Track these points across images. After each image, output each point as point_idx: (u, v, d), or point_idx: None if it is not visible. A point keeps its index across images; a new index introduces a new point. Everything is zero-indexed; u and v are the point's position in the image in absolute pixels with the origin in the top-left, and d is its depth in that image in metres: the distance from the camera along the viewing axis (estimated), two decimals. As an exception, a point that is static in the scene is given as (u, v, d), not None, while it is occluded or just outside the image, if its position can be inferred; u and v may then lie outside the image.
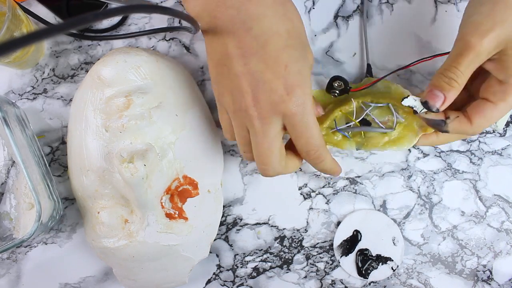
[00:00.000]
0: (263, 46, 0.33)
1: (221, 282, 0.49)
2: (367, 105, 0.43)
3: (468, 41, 0.33)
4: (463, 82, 0.35)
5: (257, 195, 0.49)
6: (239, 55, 0.34)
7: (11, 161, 0.46)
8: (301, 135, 0.36)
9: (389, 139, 0.42)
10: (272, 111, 0.34)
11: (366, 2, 0.48)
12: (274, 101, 0.34)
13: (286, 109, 0.34)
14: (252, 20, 0.33)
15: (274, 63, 0.34)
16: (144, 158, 0.40)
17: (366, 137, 0.43)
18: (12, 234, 0.45)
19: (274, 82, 0.34)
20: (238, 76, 0.34)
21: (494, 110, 0.35)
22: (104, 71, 0.40)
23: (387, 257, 0.48)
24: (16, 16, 0.41)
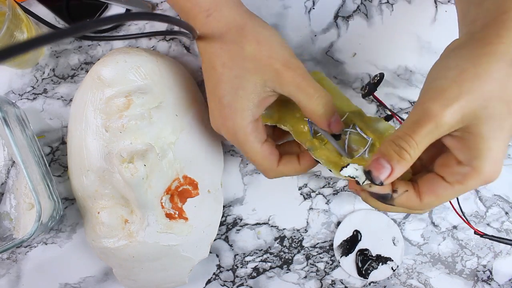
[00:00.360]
0: (205, 78, 0.38)
1: (221, 282, 0.49)
2: (354, 126, 0.40)
3: (428, 109, 0.29)
4: (416, 155, 0.30)
5: (257, 195, 0.49)
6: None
7: (11, 161, 0.46)
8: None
9: (334, 162, 0.39)
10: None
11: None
12: (217, 128, 0.38)
13: (225, 136, 0.38)
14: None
15: (212, 96, 0.38)
16: (144, 158, 0.40)
17: (323, 146, 0.40)
18: (12, 234, 0.45)
19: (213, 113, 0.38)
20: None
21: (449, 191, 0.31)
22: (104, 71, 0.40)
23: (387, 257, 0.48)
24: (16, 16, 0.41)
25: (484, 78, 0.28)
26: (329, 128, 0.37)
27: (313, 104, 0.35)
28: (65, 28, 0.22)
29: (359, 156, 0.39)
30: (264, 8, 0.48)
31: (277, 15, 0.48)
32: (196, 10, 0.37)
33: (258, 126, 0.37)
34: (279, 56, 0.35)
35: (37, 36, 0.20)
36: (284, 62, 0.35)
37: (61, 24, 0.48)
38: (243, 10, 0.37)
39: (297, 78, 0.34)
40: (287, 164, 0.39)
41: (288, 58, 0.35)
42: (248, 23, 0.36)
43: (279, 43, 0.36)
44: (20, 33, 0.43)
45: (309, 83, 0.35)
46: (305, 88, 0.35)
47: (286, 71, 0.34)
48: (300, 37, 0.48)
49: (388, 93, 0.48)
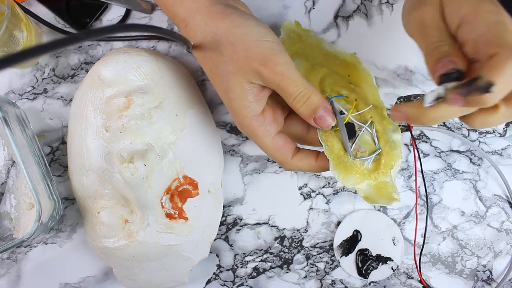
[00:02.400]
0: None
1: (221, 282, 0.49)
2: (370, 126, 0.39)
3: (411, 18, 0.32)
4: (451, 42, 0.29)
5: (257, 195, 0.49)
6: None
7: (11, 161, 0.46)
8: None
9: (341, 159, 0.38)
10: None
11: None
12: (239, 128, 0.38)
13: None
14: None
15: (220, 90, 0.38)
16: (144, 158, 0.40)
17: (332, 132, 0.39)
18: (12, 234, 0.45)
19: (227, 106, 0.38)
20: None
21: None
22: (104, 71, 0.40)
23: (387, 257, 0.48)
24: (15, 15, 0.41)
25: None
26: (315, 124, 0.36)
27: (293, 104, 0.35)
28: (57, 39, 0.22)
29: (361, 161, 0.38)
30: (264, 8, 0.48)
31: (277, 15, 0.48)
32: (176, 21, 0.37)
33: (266, 120, 0.36)
34: (255, 55, 0.34)
35: (33, 46, 0.21)
36: (261, 60, 0.34)
37: (61, 24, 0.48)
38: (216, 11, 0.35)
39: (276, 77, 0.34)
40: (303, 159, 0.38)
41: (265, 54, 0.34)
42: (220, 26, 0.35)
43: (254, 40, 0.34)
44: (20, 32, 0.43)
45: (288, 81, 0.34)
46: (284, 87, 0.34)
47: (264, 69, 0.34)
48: (300, 37, 0.48)
49: (388, 93, 0.48)
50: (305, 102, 0.35)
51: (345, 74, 0.42)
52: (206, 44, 0.36)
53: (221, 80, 0.36)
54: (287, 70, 0.34)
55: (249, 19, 0.35)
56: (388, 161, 0.39)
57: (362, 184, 0.38)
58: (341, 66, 0.43)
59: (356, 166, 0.38)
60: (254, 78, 0.35)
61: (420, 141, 0.48)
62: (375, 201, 0.38)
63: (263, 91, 0.36)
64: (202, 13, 0.35)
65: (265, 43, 0.34)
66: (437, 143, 0.49)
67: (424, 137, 0.49)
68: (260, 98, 0.36)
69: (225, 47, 0.35)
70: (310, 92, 0.35)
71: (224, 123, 0.49)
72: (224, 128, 0.49)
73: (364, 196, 0.38)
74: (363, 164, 0.38)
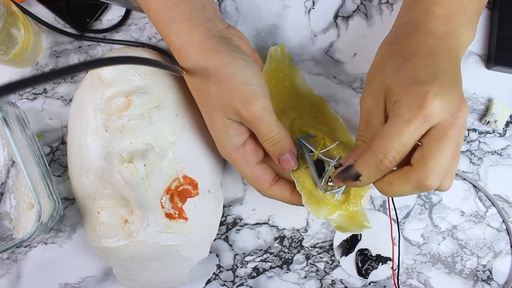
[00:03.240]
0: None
1: (221, 282, 0.49)
2: (339, 159, 0.41)
3: (359, 104, 0.36)
4: (369, 140, 0.35)
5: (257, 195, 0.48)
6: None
7: (11, 161, 0.46)
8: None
9: (313, 193, 0.41)
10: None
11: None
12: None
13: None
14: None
15: (205, 120, 0.40)
16: (144, 158, 0.40)
17: (303, 169, 0.42)
18: (12, 234, 0.45)
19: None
20: None
21: (387, 127, 0.32)
22: (104, 71, 0.40)
23: (387, 257, 0.48)
24: (11, 14, 0.41)
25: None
26: (279, 164, 0.40)
27: (264, 144, 0.38)
28: (53, 70, 0.24)
29: (331, 194, 0.41)
30: (264, 8, 0.48)
31: (277, 15, 0.48)
32: (171, 48, 0.38)
33: (246, 152, 0.39)
34: (239, 97, 0.36)
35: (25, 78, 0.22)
36: (243, 103, 0.36)
37: (60, 24, 0.48)
38: (208, 47, 0.37)
39: (254, 121, 0.37)
40: (279, 191, 0.41)
41: (247, 98, 0.36)
42: (210, 63, 0.36)
43: (239, 83, 0.36)
44: (17, 30, 0.43)
45: (264, 126, 0.37)
46: (260, 130, 0.37)
47: (245, 112, 0.36)
48: (300, 37, 0.48)
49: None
50: (275, 145, 0.38)
51: (313, 115, 0.45)
52: (195, 77, 0.38)
53: (206, 112, 0.39)
54: (264, 115, 0.37)
55: (238, 59, 0.37)
56: (358, 191, 0.41)
57: (334, 215, 0.41)
58: (310, 108, 0.45)
59: (327, 198, 0.41)
60: (234, 116, 0.37)
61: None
62: (347, 230, 0.40)
63: (243, 126, 0.38)
64: (195, 47, 0.37)
65: (249, 87, 0.36)
66: (437, 143, 0.49)
67: (424, 137, 0.49)
68: (241, 133, 0.39)
69: (212, 84, 0.37)
70: (281, 137, 0.38)
71: (224, 123, 0.49)
72: (224, 128, 0.49)
73: (336, 226, 0.40)
74: (334, 196, 0.41)
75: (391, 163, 0.32)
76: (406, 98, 0.31)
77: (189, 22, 0.37)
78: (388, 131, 0.32)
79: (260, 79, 0.37)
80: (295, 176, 0.41)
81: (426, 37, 0.35)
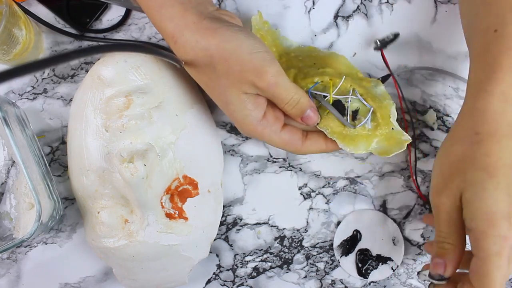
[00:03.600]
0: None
1: (221, 282, 0.49)
2: (354, 91, 0.42)
3: (434, 204, 0.36)
4: (455, 240, 0.35)
5: (257, 195, 0.49)
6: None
7: (11, 161, 0.46)
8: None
9: (345, 134, 0.41)
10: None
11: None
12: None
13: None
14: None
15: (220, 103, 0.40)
16: (144, 158, 0.40)
17: (325, 115, 0.42)
18: (12, 234, 0.45)
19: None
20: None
21: (482, 264, 0.32)
22: (104, 71, 0.40)
23: (387, 257, 0.48)
24: (13, 13, 0.41)
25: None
26: (302, 122, 0.40)
27: (285, 107, 0.39)
28: (50, 57, 0.24)
29: (362, 126, 0.41)
30: (264, 8, 0.48)
31: (277, 15, 0.48)
32: (165, 36, 0.37)
33: (269, 122, 0.39)
34: (250, 68, 0.36)
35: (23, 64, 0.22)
36: (256, 73, 0.36)
37: (61, 24, 0.48)
38: (205, 27, 0.36)
39: (271, 88, 0.36)
40: (312, 145, 0.41)
41: (259, 67, 0.36)
42: (211, 42, 0.35)
43: (246, 53, 0.36)
44: (19, 30, 0.43)
45: (281, 90, 0.37)
46: (278, 95, 0.37)
47: (260, 81, 0.36)
48: (300, 37, 0.48)
49: (389, 92, 0.48)
50: (295, 106, 0.39)
51: (310, 64, 0.45)
52: (198, 61, 0.37)
53: (219, 93, 0.38)
54: (279, 79, 0.37)
55: (238, 32, 0.36)
56: (384, 113, 0.42)
57: (372, 144, 0.42)
58: (304, 59, 0.45)
59: (359, 133, 0.42)
60: (249, 89, 0.37)
61: (420, 141, 0.48)
62: (390, 152, 0.41)
63: (260, 97, 0.38)
64: (190, 29, 0.36)
65: (257, 55, 0.36)
66: (437, 143, 0.49)
67: (424, 137, 0.49)
68: (259, 105, 0.38)
69: (218, 62, 0.36)
70: (299, 97, 0.38)
71: (224, 123, 0.49)
72: (224, 128, 0.49)
73: (379, 152, 0.41)
74: (365, 128, 0.42)
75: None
76: (491, 232, 0.32)
77: (180, 6, 0.36)
78: (487, 269, 0.32)
79: (264, 45, 0.37)
80: (321, 126, 0.41)
81: (508, 140, 0.34)
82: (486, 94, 0.35)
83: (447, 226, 0.35)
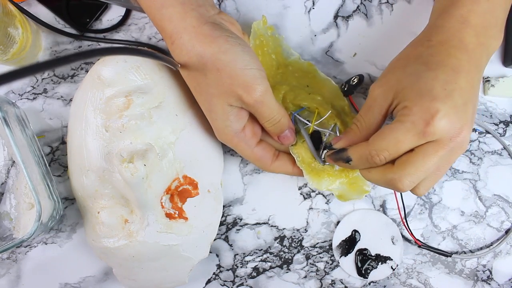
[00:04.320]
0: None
1: (221, 282, 0.49)
2: (334, 129, 0.43)
3: (369, 92, 0.37)
4: (362, 126, 0.37)
5: (257, 195, 0.49)
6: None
7: (11, 161, 0.46)
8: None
9: (313, 166, 0.42)
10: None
11: None
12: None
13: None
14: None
15: (203, 108, 0.41)
16: (144, 158, 0.40)
17: (300, 143, 0.43)
18: (12, 234, 0.45)
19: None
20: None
21: (388, 129, 0.34)
22: (104, 71, 0.40)
23: (387, 256, 0.48)
24: (8, 13, 0.41)
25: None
26: (278, 141, 0.42)
27: (265, 124, 0.40)
28: (51, 59, 0.24)
29: (330, 164, 0.42)
30: (264, 8, 0.48)
31: (277, 15, 0.48)
32: (163, 35, 0.38)
33: (246, 136, 0.40)
34: (240, 82, 0.36)
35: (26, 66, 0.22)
36: (245, 88, 0.36)
37: (60, 24, 0.48)
38: (203, 33, 0.36)
39: (256, 104, 0.37)
40: (280, 166, 0.43)
41: (248, 83, 0.36)
42: (207, 50, 0.36)
43: (239, 68, 0.36)
44: (14, 29, 0.42)
45: (265, 108, 0.38)
46: (262, 112, 0.38)
47: (247, 97, 0.37)
48: (300, 37, 0.48)
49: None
50: (275, 124, 0.40)
51: (304, 85, 0.45)
52: (191, 65, 0.37)
53: (205, 99, 0.39)
54: (266, 98, 0.37)
55: (235, 45, 0.37)
56: None
57: (335, 184, 0.42)
58: (300, 77, 0.46)
59: (326, 169, 0.42)
60: (235, 102, 0.37)
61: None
62: (348, 198, 0.42)
63: (243, 111, 0.39)
64: (189, 33, 0.36)
65: (249, 71, 0.37)
66: (437, 143, 0.49)
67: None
68: (241, 118, 0.39)
69: (210, 71, 0.36)
70: (280, 116, 0.40)
71: (224, 123, 0.49)
72: (224, 128, 0.49)
73: (338, 195, 0.42)
74: (333, 167, 0.42)
75: (381, 161, 0.34)
76: (416, 109, 0.32)
77: (181, 7, 0.36)
78: (388, 132, 0.34)
79: (258, 62, 0.38)
80: (294, 151, 0.42)
81: (456, 50, 0.35)
82: (447, 15, 0.36)
83: (366, 111, 0.37)
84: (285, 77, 0.45)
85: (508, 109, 0.49)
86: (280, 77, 0.45)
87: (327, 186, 0.42)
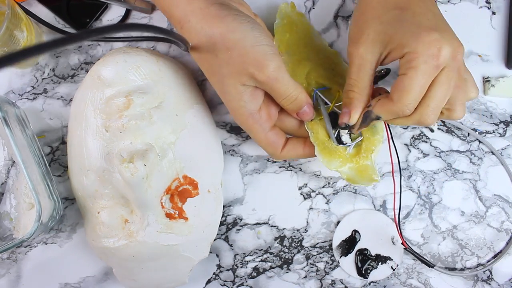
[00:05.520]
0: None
1: (221, 282, 0.49)
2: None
3: (349, 53, 0.37)
4: (360, 88, 0.37)
5: (257, 195, 0.49)
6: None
7: (11, 161, 0.46)
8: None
9: (326, 145, 0.42)
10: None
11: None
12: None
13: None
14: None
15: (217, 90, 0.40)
16: (144, 158, 0.40)
17: (317, 120, 0.42)
18: (12, 234, 0.45)
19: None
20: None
21: (407, 80, 0.34)
22: (104, 71, 0.40)
23: (387, 256, 0.48)
24: (15, 15, 0.41)
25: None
26: (297, 117, 0.41)
27: (282, 102, 0.39)
28: (63, 36, 0.23)
29: (344, 147, 0.42)
30: (264, 8, 0.48)
31: (277, 15, 0.48)
32: (172, 22, 0.38)
33: (261, 117, 0.39)
34: (251, 60, 0.36)
35: (33, 45, 0.21)
36: (256, 66, 0.36)
37: (61, 24, 0.48)
38: (211, 14, 0.36)
39: (270, 81, 0.36)
40: (291, 150, 0.42)
41: (260, 60, 0.36)
42: (216, 31, 0.35)
43: (249, 45, 0.36)
44: (20, 32, 0.43)
45: (280, 84, 0.37)
46: (276, 90, 0.37)
47: (259, 74, 0.36)
48: (300, 37, 0.48)
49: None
50: (293, 102, 0.39)
51: (329, 67, 0.45)
52: (201, 47, 0.37)
53: (217, 81, 0.38)
54: (279, 74, 0.36)
55: (244, 22, 0.36)
56: (369, 146, 0.42)
57: (344, 167, 0.42)
58: (326, 60, 0.45)
59: (339, 151, 0.42)
60: (248, 81, 0.37)
61: (420, 141, 0.48)
62: (357, 182, 0.42)
63: (257, 90, 0.38)
64: (196, 15, 0.36)
65: (260, 48, 0.36)
66: (437, 143, 0.49)
67: (424, 137, 0.49)
68: (256, 98, 0.38)
69: (221, 51, 0.36)
70: (298, 93, 0.38)
71: (224, 123, 0.49)
72: (224, 128, 0.49)
73: (346, 177, 0.42)
74: (346, 149, 0.42)
75: (410, 111, 0.35)
76: (420, 49, 0.33)
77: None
78: (409, 83, 0.34)
79: (268, 39, 0.37)
80: (309, 126, 0.41)
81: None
82: None
83: (357, 72, 0.37)
84: (311, 56, 0.45)
85: (508, 109, 0.49)
86: (307, 55, 0.45)
87: (337, 168, 0.42)
